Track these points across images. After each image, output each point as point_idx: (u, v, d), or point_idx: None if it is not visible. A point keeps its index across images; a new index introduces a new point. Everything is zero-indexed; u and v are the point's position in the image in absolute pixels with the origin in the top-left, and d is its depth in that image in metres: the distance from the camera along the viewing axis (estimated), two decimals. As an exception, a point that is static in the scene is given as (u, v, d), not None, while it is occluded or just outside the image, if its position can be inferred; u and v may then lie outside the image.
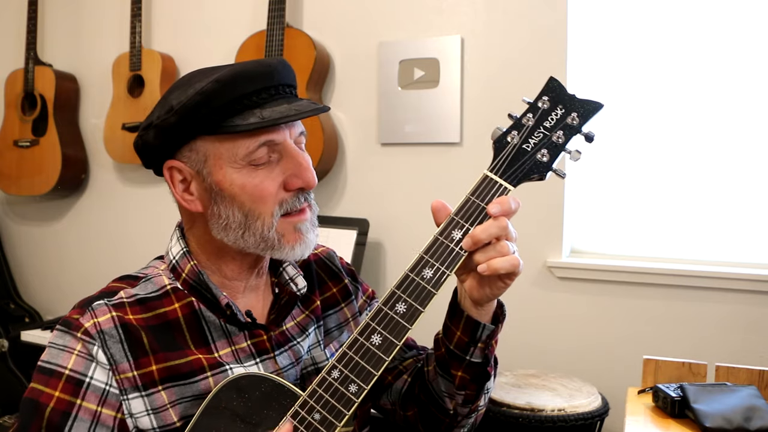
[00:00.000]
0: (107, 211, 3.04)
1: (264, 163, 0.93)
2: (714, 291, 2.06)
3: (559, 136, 0.93)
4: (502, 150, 0.94)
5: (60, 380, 0.89)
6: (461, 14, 2.34)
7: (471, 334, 0.97)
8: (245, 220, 0.93)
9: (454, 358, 1.00)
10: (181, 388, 0.93)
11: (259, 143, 0.91)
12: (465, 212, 0.91)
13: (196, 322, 0.97)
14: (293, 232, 0.95)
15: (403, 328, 0.87)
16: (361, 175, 2.52)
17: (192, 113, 0.90)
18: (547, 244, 2.23)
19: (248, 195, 0.92)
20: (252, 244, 0.95)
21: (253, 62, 0.93)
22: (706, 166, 2.16)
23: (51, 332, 2.76)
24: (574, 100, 0.95)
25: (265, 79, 0.92)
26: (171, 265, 1.01)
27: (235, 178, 0.92)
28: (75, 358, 0.90)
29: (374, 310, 0.89)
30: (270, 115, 0.90)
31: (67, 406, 0.88)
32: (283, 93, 0.95)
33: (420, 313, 0.88)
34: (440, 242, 0.90)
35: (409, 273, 0.90)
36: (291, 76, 0.97)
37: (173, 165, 0.96)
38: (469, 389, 1.02)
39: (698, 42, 2.14)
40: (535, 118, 0.95)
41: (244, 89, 0.90)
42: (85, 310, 0.93)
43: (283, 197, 0.94)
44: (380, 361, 0.86)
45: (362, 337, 0.88)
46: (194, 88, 0.90)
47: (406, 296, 0.88)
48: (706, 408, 1.37)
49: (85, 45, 3.05)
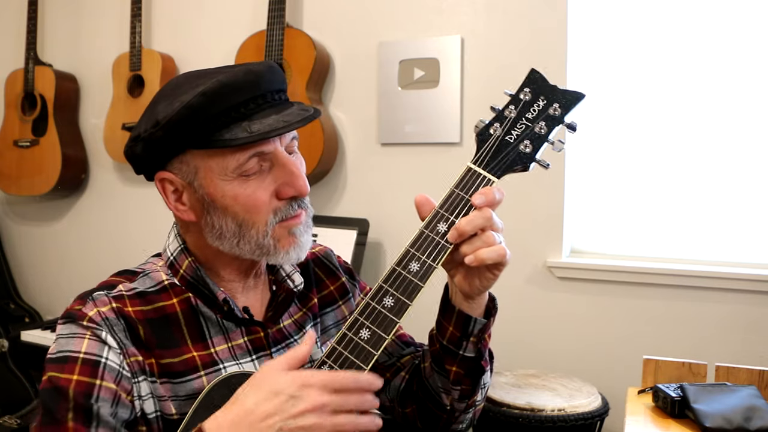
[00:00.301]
0: (107, 211, 3.04)
1: (255, 173, 0.92)
2: (714, 291, 2.06)
3: (542, 127, 0.94)
4: (485, 142, 0.95)
5: (76, 364, 0.88)
6: (461, 14, 2.34)
7: (463, 329, 0.98)
8: (239, 230, 0.93)
9: (447, 353, 1.00)
10: (174, 386, 0.93)
11: (249, 155, 0.90)
12: (449, 205, 0.92)
13: (194, 317, 0.97)
14: (287, 236, 0.95)
15: (391, 322, 0.87)
16: (361, 175, 2.52)
17: (178, 128, 0.88)
18: (547, 244, 2.23)
19: (241, 206, 0.92)
20: (248, 251, 0.94)
21: (240, 70, 0.91)
22: (705, 166, 2.16)
23: (51, 332, 2.77)
24: (555, 90, 0.96)
25: (252, 89, 0.90)
26: (169, 262, 1.01)
27: (227, 189, 0.91)
28: (87, 341, 0.89)
29: (362, 304, 0.89)
30: (259, 128, 0.88)
31: (88, 387, 0.87)
32: (271, 101, 0.93)
33: (408, 306, 0.88)
34: (426, 235, 0.91)
35: (395, 267, 0.90)
36: (279, 80, 0.95)
37: (164, 176, 0.95)
38: (464, 384, 1.03)
39: (698, 42, 2.14)
40: (517, 109, 0.96)
41: (230, 101, 0.88)
42: (87, 300, 0.93)
43: (276, 205, 0.93)
44: (369, 355, 0.86)
45: (351, 332, 0.88)
46: (180, 101, 0.88)
47: (394, 290, 0.89)
48: (706, 408, 1.37)
49: (85, 45, 3.05)
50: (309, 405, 0.78)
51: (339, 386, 0.80)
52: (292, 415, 0.78)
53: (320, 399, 0.79)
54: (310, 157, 2.36)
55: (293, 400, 0.79)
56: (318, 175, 2.48)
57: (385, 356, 1.16)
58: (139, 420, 0.90)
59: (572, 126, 0.94)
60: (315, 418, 0.78)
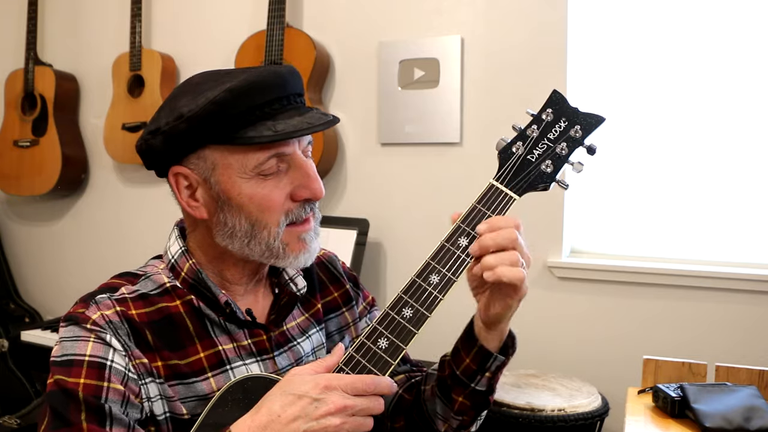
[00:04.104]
0: (107, 211, 3.04)
1: (273, 174, 0.93)
2: (714, 291, 2.06)
3: (563, 148, 0.97)
4: (508, 160, 0.97)
5: (82, 367, 0.87)
6: (461, 14, 2.34)
7: (480, 363, 0.99)
8: (251, 230, 0.93)
9: (458, 383, 1.01)
10: (183, 387, 0.93)
11: (269, 155, 0.91)
12: (471, 220, 0.94)
13: (198, 318, 0.97)
14: (297, 242, 0.96)
15: (409, 332, 0.89)
16: (361, 175, 2.52)
17: (204, 123, 0.89)
18: (547, 244, 2.23)
19: (256, 205, 0.92)
20: (257, 252, 0.95)
21: (264, 70, 0.92)
22: (705, 167, 2.16)
23: (51, 332, 2.77)
24: (577, 113, 0.98)
25: (278, 90, 0.92)
26: (170, 264, 1.00)
27: (244, 187, 0.92)
28: (92, 344, 0.89)
29: (381, 314, 0.90)
30: (284, 128, 0.90)
31: (96, 390, 0.86)
32: (294, 103, 0.94)
33: (426, 317, 0.89)
34: (447, 249, 0.93)
35: (416, 279, 0.92)
36: (300, 84, 0.97)
37: (179, 171, 0.95)
38: (467, 415, 1.03)
39: (698, 42, 2.14)
40: (539, 129, 0.98)
41: (256, 100, 0.89)
42: (89, 303, 0.93)
43: (289, 207, 0.94)
44: (387, 364, 0.88)
45: (369, 341, 0.89)
46: (206, 97, 0.89)
47: (413, 301, 0.90)
48: (706, 408, 1.37)
49: (85, 45, 3.05)
50: (332, 407, 0.81)
51: (361, 389, 0.84)
52: (315, 417, 0.81)
53: (343, 401, 0.82)
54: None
55: (317, 402, 0.82)
56: (318, 175, 2.48)
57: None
58: (149, 421, 0.90)
59: (592, 149, 0.97)
60: (338, 420, 0.81)
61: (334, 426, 0.81)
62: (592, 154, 0.97)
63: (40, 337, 2.71)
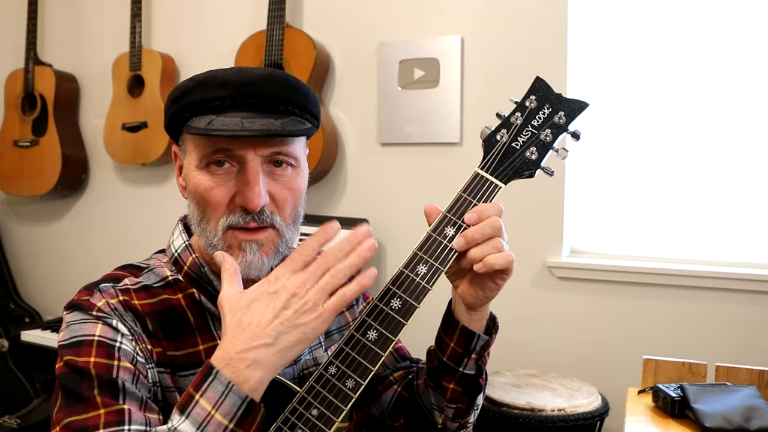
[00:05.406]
0: (107, 211, 3.04)
1: (223, 171, 0.92)
2: (714, 291, 2.06)
3: (547, 135, 0.96)
4: (492, 148, 0.97)
5: (92, 347, 0.87)
6: (461, 14, 2.34)
7: (465, 345, 0.97)
8: (200, 220, 0.94)
9: (446, 369, 1.00)
10: (179, 379, 0.93)
11: (213, 149, 0.91)
12: (457, 209, 0.93)
13: (199, 312, 0.98)
14: (237, 249, 0.93)
15: (398, 323, 0.88)
16: (361, 175, 2.52)
17: (170, 107, 0.95)
18: (547, 244, 2.23)
19: (200, 196, 0.93)
20: (205, 244, 0.95)
21: (235, 68, 0.93)
22: (706, 166, 2.16)
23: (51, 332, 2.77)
24: (560, 99, 0.98)
25: (236, 88, 0.90)
26: (173, 258, 1.01)
27: (193, 176, 0.93)
28: (101, 326, 0.89)
29: (370, 306, 0.90)
30: (219, 125, 0.88)
31: (107, 368, 0.86)
32: (256, 106, 0.91)
33: (415, 308, 0.88)
34: (433, 239, 0.92)
35: (403, 269, 0.91)
36: (280, 90, 0.92)
37: (175, 150, 1.01)
38: (460, 402, 1.02)
39: (699, 42, 2.14)
40: (523, 117, 0.98)
41: (209, 93, 0.90)
42: (93, 291, 0.93)
43: (231, 209, 0.92)
44: (376, 356, 0.86)
45: (358, 333, 0.88)
46: (180, 83, 0.94)
47: (401, 292, 0.89)
48: (706, 408, 1.37)
49: (85, 45, 3.05)
50: (290, 291, 0.80)
51: (303, 261, 0.83)
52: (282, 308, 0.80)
53: (296, 280, 0.81)
54: (310, 158, 2.34)
55: (273, 296, 0.80)
56: (318, 174, 2.48)
57: (380, 368, 1.15)
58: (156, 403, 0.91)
59: (576, 134, 0.96)
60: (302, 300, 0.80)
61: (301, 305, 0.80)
62: (576, 140, 0.96)
63: (40, 337, 2.72)
